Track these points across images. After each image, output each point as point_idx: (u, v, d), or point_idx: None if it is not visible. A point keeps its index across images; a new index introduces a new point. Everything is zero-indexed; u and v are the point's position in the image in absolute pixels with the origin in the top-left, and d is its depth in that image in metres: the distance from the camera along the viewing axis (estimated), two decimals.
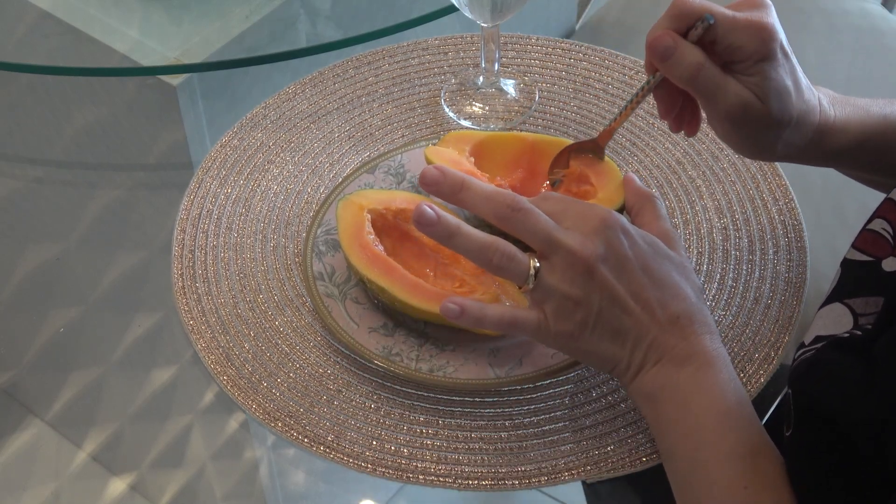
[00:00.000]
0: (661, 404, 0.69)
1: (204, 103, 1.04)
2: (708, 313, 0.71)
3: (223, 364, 0.80)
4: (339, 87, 0.97)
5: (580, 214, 0.70)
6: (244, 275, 0.85)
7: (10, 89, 1.10)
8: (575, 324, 0.69)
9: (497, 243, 0.69)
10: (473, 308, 0.70)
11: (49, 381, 0.87)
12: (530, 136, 0.87)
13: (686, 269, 0.72)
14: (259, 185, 0.91)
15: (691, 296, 0.71)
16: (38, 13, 1.09)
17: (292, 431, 0.77)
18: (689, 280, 0.72)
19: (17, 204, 1.04)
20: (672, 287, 0.70)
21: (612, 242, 0.69)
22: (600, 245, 0.68)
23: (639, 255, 0.70)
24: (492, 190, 0.70)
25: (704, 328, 0.70)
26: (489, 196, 0.70)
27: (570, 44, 1.00)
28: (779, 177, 0.90)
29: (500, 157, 0.87)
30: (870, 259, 0.70)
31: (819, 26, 1.23)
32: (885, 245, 0.70)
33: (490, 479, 0.74)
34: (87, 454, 0.83)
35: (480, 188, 0.70)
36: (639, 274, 0.69)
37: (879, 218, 0.71)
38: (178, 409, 0.84)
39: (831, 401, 0.61)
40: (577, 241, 0.68)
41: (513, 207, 0.69)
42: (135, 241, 0.96)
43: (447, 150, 0.86)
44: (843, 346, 0.64)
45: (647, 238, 0.72)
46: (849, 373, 0.61)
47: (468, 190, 0.70)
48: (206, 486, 0.82)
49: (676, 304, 0.70)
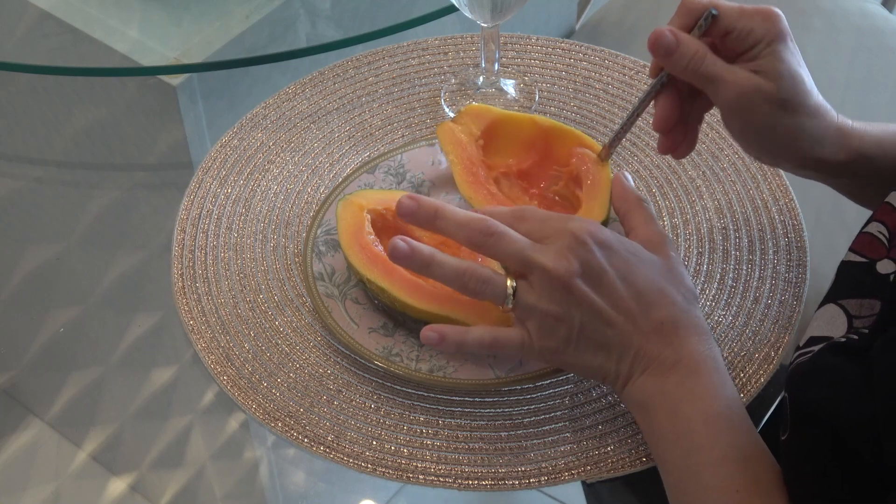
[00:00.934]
0: (651, 412, 0.69)
1: (204, 103, 1.04)
2: (697, 314, 0.71)
3: (223, 364, 0.80)
4: (339, 87, 0.97)
5: (556, 231, 0.70)
6: (244, 275, 0.85)
7: (10, 89, 1.10)
8: (558, 339, 0.69)
9: (470, 268, 0.70)
10: (453, 334, 0.71)
11: (49, 381, 0.87)
12: (546, 122, 0.87)
13: (673, 272, 0.72)
14: (259, 185, 0.91)
15: (677, 299, 0.70)
16: (38, 13, 1.08)
17: (292, 431, 0.77)
18: (676, 283, 0.71)
19: (17, 204, 1.04)
20: (655, 293, 0.70)
21: (588, 256, 0.69)
22: (575, 261, 0.68)
23: (618, 266, 0.70)
24: (465, 217, 0.71)
25: (692, 331, 0.70)
26: (463, 223, 0.71)
27: (570, 44, 1.00)
28: (779, 177, 0.90)
29: (513, 138, 0.87)
30: (865, 261, 0.70)
31: (819, 26, 1.23)
32: (879, 247, 0.70)
33: (490, 479, 0.74)
34: (87, 454, 0.83)
35: (454, 216, 0.71)
36: (618, 285, 0.69)
37: (876, 221, 0.71)
38: (178, 409, 0.84)
39: (828, 404, 0.61)
40: (552, 259, 0.68)
41: (485, 233, 0.70)
42: (135, 241, 0.96)
43: (458, 131, 0.86)
44: (840, 350, 0.64)
45: (627, 246, 0.71)
46: (846, 376, 0.61)
47: (442, 218, 0.71)
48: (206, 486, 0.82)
49: (659, 310, 0.70)
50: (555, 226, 0.70)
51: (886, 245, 0.69)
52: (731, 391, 0.68)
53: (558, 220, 0.71)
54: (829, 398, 0.61)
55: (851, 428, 0.59)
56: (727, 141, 0.92)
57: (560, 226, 0.70)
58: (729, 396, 0.68)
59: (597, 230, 0.70)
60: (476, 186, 0.84)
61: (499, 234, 0.70)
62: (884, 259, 0.69)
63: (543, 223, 0.71)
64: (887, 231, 0.70)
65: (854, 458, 0.59)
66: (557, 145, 0.85)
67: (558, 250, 0.69)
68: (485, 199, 0.83)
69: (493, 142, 0.86)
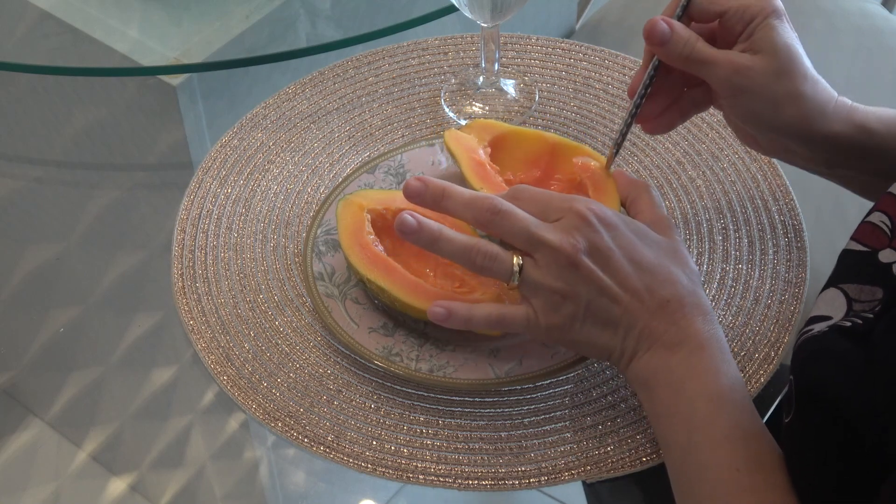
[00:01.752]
0: (655, 390, 0.69)
1: (204, 103, 1.04)
2: (702, 295, 0.72)
3: (223, 364, 0.80)
4: (339, 87, 0.97)
5: (561, 210, 0.71)
6: (244, 275, 0.85)
7: (10, 89, 1.10)
8: (564, 317, 0.70)
9: (478, 244, 0.71)
10: (461, 309, 0.72)
11: (49, 381, 0.87)
12: (552, 138, 0.87)
13: (678, 253, 0.73)
14: (259, 185, 0.91)
15: (682, 279, 0.71)
16: (38, 13, 1.09)
17: (292, 431, 0.77)
18: (680, 264, 0.72)
19: (17, 204, 1.04)
20: (660, 272, 0.71)
21: (593, 235, 0.70)
22: (581, 238, 0.69)
23: (623, 245, 0.70)
24: (471, 196, 0.72)
25: (696, 310, 0.70)
26: (469, 202, 0.71)
27: (570, 44, 1.00)
28: (779, 177, 0.90)
29: (519, 153, 0.87)
30: (867, 250, 0.70)
31: (819, 26, 1.23)
32: (882, 237, 0.70)
33: (490, 479, 0.74)
34: (87, 454, 0.83)
35: (461, 195, 0.72)
36: (624, 263, 0.70)
37: (878, 211, 0.71)
38: (178, 409, 0.84)
39: (833, 386, 0.61)
40: (558, 237, 0.69)
41: (492, 211, 0.70)
42: (135, 241, 0.96)
43: (466, 137, 0.86)
44: (846, 333, 0.64)
45: (632, 226, 0.72)
46: (851, 358, 0.61)
47: (449, 198, 0.72)
48: (206, 486, 0.82)
49: (665, 288, 0.70)
50: (560, 205, 0.71)
51: (889, 234, 0.70)
52: (734, 371, 0.69)
53: (562, 200, 0.72)
54: (835, 378, 0.61)
55: (856, 408, 0.59)
56: (727, 141, 0.92)
57: (565, 205, 0.71)
58: (732, 376, 0.68)
59: (600, 210, 0.71)
60: (486, 180, 0.84)
61: (505, 212, 0.70)
62: (886, 248, 0.69)
63: (550, 201, 0.72)
64: (889, 221, 0.70)
65: (858, 438, 0.59)
66: (563, 161, 0.85)
67: (564, 228, 0.70)
68: (494, 190, 0.83)
69: (499, 155, 0.86)
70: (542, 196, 0.73)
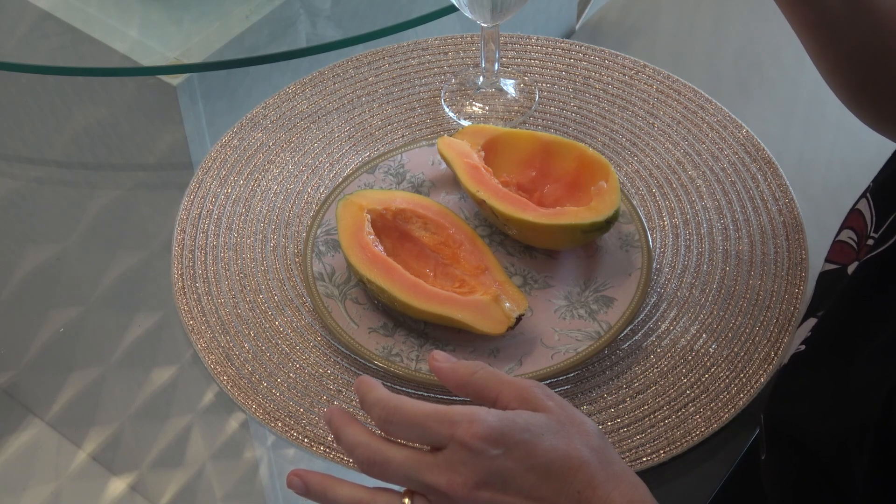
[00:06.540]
0: None
1: (204, 103, 1.04)
2: (607, 451, 0.66)
3: (223, 364, 0.80)
4: (339, 87, 0.97)
5: (441, 436, 0.64)
6: (244, 275, 0.85)
7: (10, 89, 1.10)
8: None
9: (365, 499, 0.65)
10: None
11: (49, 381, 0.87)
12: (545, 137, 0.87)
13: (566, 422, 0.66)
14: (259, 185, 0.91)
15: (585, 455, 0.65)
16: (38, 13, 1.08)
17: (292, 431, 0.77)
18: (577, 433, 0.66)
19: (17, 204, 1.03)
20: (564, 464, 0.64)
21: (486, 461, 0.63)
22: (469, 473, 0.63)
23: (520, 455, 0.64)
24: (347, 449, 0.67)
25: (609, 485, 0.64)
26: (348, 452, 0.67)
27: (570, 44, 1.00)
28: (779, 177, 0.90)
29: (513, 154, 0.87)
30: (837, 267, 0.71)
31: None
32: (850, 252, 0.71)
33: None
34: (87, 454, 0.83)
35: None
36: (525, 475, 0.64)
37: (846, 229, 0.72)
38: (178, 409, 0.84)
39: (798, 421, 0.61)
40: (445, 478, 0.63)
41: (367, 465, 0.65)
42: (135, 241, 0.96)
43: (459, 142, 0.86)
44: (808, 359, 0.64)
45: (518, 423, 0.64)
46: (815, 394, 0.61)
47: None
48: (206, 486, 0.82)
49: (572, 480, 0.64)
50: (439, 430, 0.64)
51: (856, 248, 0.70)
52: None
53: (440, 424, 0.64)
54: (799, 413, 0.61)
55: (823, 446, 0.59)
56: (727, 141, 0.92)
57: (445, 431, 0.64)
58: None
59: (484, 427, 0.63)
60: (482, 183, 0.83)
61: (379, 464, 0.65)
62: (853, 262, 0.70)
63: (425, 427, 0.65)
64: (856, 236, 0.71)
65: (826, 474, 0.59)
66: (558, 159, 0.85)
67: (450, 465, 0.63)
68: (492, 192, 0.83)
69: (493, 157, 0.86)
70: (417, 419, 0.65)
